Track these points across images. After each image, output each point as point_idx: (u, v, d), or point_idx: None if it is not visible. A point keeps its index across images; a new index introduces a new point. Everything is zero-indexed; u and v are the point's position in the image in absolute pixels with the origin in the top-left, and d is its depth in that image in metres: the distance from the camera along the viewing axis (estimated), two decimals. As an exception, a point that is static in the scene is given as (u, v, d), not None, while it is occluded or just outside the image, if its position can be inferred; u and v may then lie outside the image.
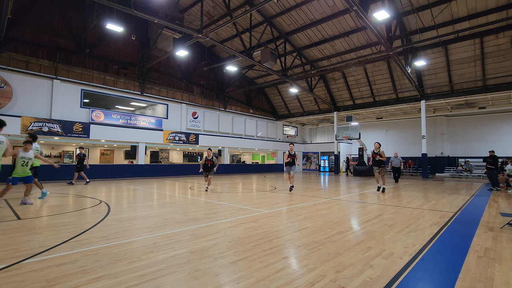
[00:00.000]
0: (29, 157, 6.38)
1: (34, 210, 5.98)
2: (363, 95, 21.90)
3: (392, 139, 25.40)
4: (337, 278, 2.63)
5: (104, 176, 15.62)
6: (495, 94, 16.87)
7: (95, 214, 5.63)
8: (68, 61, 15.16)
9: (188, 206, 6.65)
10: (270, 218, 5.34)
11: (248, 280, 2.58)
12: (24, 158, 6.30)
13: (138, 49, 18.17)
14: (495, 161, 10.77)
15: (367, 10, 10.76)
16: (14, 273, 2.66)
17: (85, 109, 15.43)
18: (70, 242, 3.68)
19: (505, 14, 13.14)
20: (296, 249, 3.54)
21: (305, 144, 31.09)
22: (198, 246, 3.57)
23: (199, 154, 27.40)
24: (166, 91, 19.58)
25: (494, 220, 5.36)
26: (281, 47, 18.71)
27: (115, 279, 2.56)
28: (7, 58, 13.22)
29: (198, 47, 20.52)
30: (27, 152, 6.39)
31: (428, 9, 13.69)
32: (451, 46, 16.08)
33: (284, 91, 25.58)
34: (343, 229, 4.55)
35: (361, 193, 9.98)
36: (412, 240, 3.89)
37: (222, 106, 23.21)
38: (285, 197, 8.51)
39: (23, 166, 6.23)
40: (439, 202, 7.56)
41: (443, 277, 2.71)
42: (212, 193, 9.34)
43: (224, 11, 16.47)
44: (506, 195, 9.36)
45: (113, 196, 8.32)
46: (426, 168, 18.58)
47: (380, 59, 18.03)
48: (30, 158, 6.40)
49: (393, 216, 5.62)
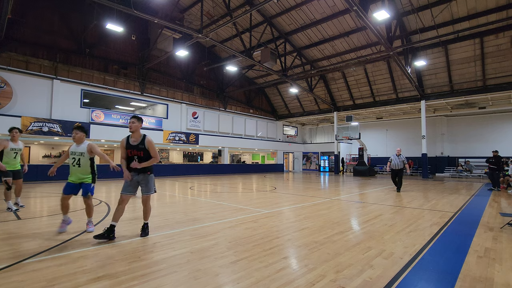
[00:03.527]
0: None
1: (34, 210, 5.98)
2: (363, 95, 21.90)
3: (392, 139, 25.39)
4: (337, 278, 2.63)
5: (104, 176, 15.62)
6: (495, 94, 16.87)
7: (95, 214, 5.62)
8: (68, 61, 15.17)
9: (188, 206, 6.65)
10: (270, 218, 5.34)
11: (248, 280, 2.58)
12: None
13: (138, 49, 18.17)
14: (498, 162, 10.76)
15: (367, 10, 10.76)
16: (14, 273, 2.66)
17: (85, 109, 15.43)
18: (70, 242, 3.68)
19: (505, 14, 13.13)
20: (296, 249, 3.54)
21: (305, 144, 31.09)
22: (198, 246, 3.57)
23: (199, 154, 27.41)
24: (166, 91, 19.58)
25: (494, 220, 5.36)
26: (281, 47, 18.71)
27: (115, 279, 2.55)
28: (7, 58, 13.22)
29: (198, 47, 20.52)
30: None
31: (428, 9, 13.68)
32: (451, 46, 16.07)
33: (284, 91, 25.58)
34: (343, 229, 4.55)
35: (361, 193, 9.98)
36: (412, 240, 3.89)
37: (222, 106, 23.21)
38: (285, 197, 8.51)
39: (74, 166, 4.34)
40: (439, 202, 7.56)
41: (443, 277, 2.71)
42: (212, 193, 9.34)
43: (224, 11, 16.46)
44: (506, 195, 9.36)
45: (113, 196, 8.32)
46: (426, 168, 18.57)
47: (380, 59, 18.03)
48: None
49: (393, 216, 5.62)
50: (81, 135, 4.25)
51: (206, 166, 22.48)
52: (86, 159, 4.25)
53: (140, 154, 3.89)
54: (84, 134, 4.31)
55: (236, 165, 25.36)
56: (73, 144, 4.30)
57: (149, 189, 4.01)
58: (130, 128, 3.92)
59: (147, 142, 3.89)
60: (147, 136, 3.96)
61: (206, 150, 26.55)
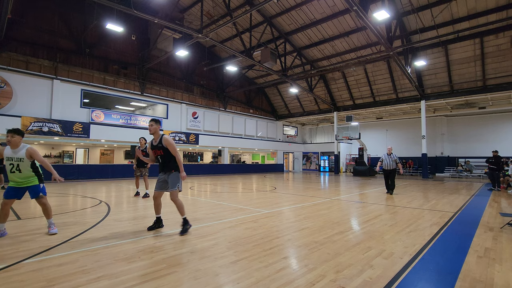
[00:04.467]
0: (18, 157, 3.89)
1: (34, 210, 5.98)
2: (363, 95, 21.90)
3: (392, 139, 25.39)
4: (337, 278, 2.63)
5: (104, 176, 15.62)
6: (495, 94, 16.87)
7: (95, 214, 5.63)
8: (68, 61, 15.16)
9: (188, 206, 6.64)
10: (270, 218, 5.34)
11: (248, 280, 2.58)
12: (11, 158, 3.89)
13: (138, 49, 18.17)
14: (498, 162, 10.76)
15: (367, 10, 10.76)
16: (14, 273, 2.66)
17: (85, 109, 15.43)
18: (70, 242, 3.68)
19: (505, 14, 13.13)
20: (296, 249, 3.54)
21: (305, 144, 31.09)
22: (198, 246, 3.57)
23: (199, 154, 27.41)
24: (166, 91, 19.58)
25: (494, 220, 5.36)
26: (281, 47, 18.71)
27: (115, 279, 2.56)
28: (7, 58, 13.22)
29: (198, 47, 20.52)
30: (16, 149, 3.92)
31: (428, 9, 13.69)
32: (451, 46, 16.07)
33: (284, 91, 25.58)
34: (343, 229, 4.54)
35: (361, 193, 9.98)
36: (412, 240, 3.89)
37: (222, 106, 23.21)
38: (285, 197, 8.51)
39: (13, 172, 3.87)
40: (439, 202, 7.56)
41: (443, 277, 2.71)
42: (212, 193, 9.34)
43: (224, 11, 16.46)
44: (506, 195, 9.36)
45: (113, 196, 8.32)
46: (426, 168, 18.58)
47: (380, 59, 18.03)
48: (20, 158, 3.89)
49: (393, 216, 5.62)
50: (17, 139, 3.88)
51: (206, 166, 22.48)
52: (27, 163, 3.90)
53: (160, 153, 4.22)
54: (21, 138, 3.94)
55: (236, 165, 25.36)
56: (7, 148, 3.90)
57: (173, 185, 4.20)
58: (149, 130, 4.25)
59: (164, 141, 4.17)
60: (164, 135, 4.25)
61: (206, 150, 26.55)
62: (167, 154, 4.20)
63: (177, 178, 4.22)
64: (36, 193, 4.02)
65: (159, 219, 4.40)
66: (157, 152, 4.24)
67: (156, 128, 4.27)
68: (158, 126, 4.33)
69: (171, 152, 4.20)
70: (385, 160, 9.42)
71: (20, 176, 3.91)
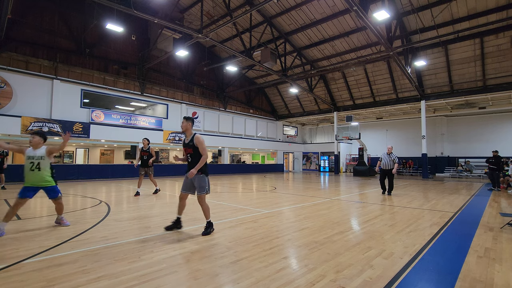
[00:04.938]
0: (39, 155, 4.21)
1: (34, 210, 5.98)
2: (363, 95, 21.90)
3: (392, 139, 25.39)
4: (337, 278, 2.63)
5: (104, 176, 15.62)
6: (495, 94, 16.87)
7: (95, 214, 5.63)
8: (68, 61, 15.17)
9: (188, 206, 6.63)
10: (270, 218, 5.34)
11: (248, 280, 2.58)
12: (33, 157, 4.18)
13: (138, 49, 18.17)
14: (498, 162, 10.76)
15: (367, 10, 10.75)
16: (14, 273, 2.66)
17: (85, 109, 15.43)
18: (70, 242, 3.68)
19: (505, 14, 13.14)
20: (296, 249, 3.54)
21: (305, 144, 31.09)
22: (198, 246, 3.57)
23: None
24: (166, 91, 19.58)
25: (494, 220, 5.36)
26: (281, 47, 18.71)
27: (115, 279, 2.55)
28: (7, 58, 13.22)
29: (198, 47, 20.52)
30: (37, 150, 4.25)
31: (428, 9, 13.69)
32: (451, 46, 16.08)
33: (284, 91, 25.58)
34: (343, 229, 4.54)
35: (361, 193, 9.98)
36: (412, 240, 3.89)
37: (222, 106, 23.21)
38: (285, 197, 8.51)
39: (32, 171, 4.13)
40: (439, 202, 7.56)
41: (443, 277, 2.71)
42: (212, 193, 9.34)
43: (224, 11, 16.46)
44: (506, 195, 9.36)
45: (113, 196, 8.32)
46: (426, 168, 18.58)
47: (380, 59, 18.03)
48: (41, 156, 4.21)
49: (393, 216, 5.61)
50: (38, 140, 4.27)
51: (206, 166, 22.44)
52: (47, 161, 4.28)
53: (190, 151, 4.13)
54: (41, 139, 4.34)
55: (236, 165, 25.36)
56: (29, 149, 4.26)
57: (201, 189, 4.12)
58: (182, 128, 4.25)
59: (196, 139, 4.10)
60: (197, 134, 4.19)
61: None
62: (197, 153, 4.09)
63: (204, 181, 4.12)
64: (55, 193, 4.36)
65: (178, 220, 4.31)
66: (187, 150, 4.16)
67: (187, 126, 4.21)
68: (189, 123, 4.24)
69: (199, 151, 4.09)
70: (384, 159, 9.32)
71: (38, 175, 4.17)
